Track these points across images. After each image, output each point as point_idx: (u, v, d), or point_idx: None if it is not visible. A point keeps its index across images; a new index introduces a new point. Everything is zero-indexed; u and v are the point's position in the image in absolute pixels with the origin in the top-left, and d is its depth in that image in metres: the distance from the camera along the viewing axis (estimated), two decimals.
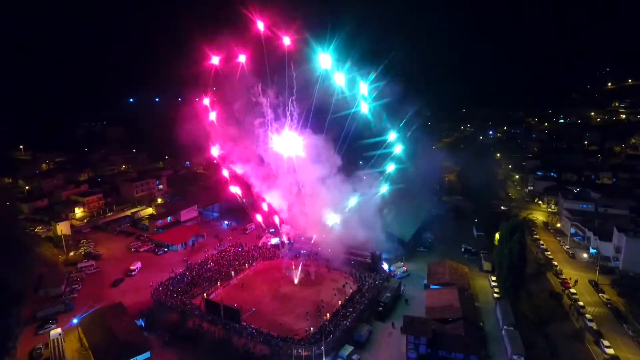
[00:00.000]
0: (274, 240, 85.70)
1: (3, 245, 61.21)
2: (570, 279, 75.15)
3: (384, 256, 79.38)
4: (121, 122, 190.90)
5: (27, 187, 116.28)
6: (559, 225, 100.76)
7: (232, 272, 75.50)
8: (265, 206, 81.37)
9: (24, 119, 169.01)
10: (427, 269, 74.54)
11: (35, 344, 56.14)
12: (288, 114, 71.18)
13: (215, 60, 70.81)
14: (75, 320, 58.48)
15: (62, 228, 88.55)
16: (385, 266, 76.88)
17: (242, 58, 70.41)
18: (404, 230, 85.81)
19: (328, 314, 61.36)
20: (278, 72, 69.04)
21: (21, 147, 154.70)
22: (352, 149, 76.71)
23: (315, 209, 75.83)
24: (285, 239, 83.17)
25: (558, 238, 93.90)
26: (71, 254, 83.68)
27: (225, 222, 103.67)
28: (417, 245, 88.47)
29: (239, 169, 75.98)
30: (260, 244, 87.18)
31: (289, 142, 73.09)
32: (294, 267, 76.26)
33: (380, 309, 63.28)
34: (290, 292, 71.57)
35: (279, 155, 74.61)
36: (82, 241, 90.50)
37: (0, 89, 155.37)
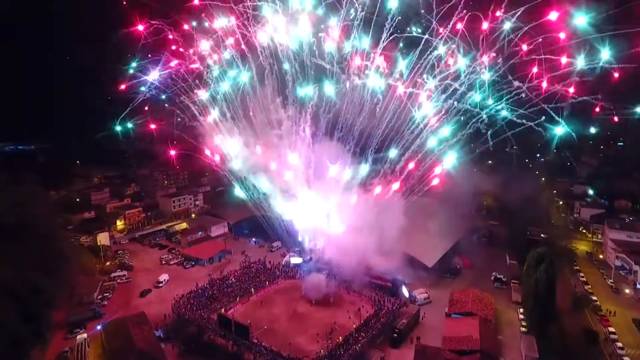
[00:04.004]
0: (295, 260, 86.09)
1: (43, 253, 66.19)
2: (608, 310, 69.27)
3: (405, 281, 77.31)
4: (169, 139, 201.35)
5: (77, 200, 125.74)
6: (601, 256, 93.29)
7: (252, 289, 76.74)
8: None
9: (80, 136, 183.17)
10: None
11: (63, 348, 60.06)
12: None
13: None
14: (99, 327, 62.06)
15: (101, 239, 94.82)
16: (406, 291, 74.77)
17: None
18: (429, 254, 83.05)
19: (340, 337, 60.53)
20: None
21: (77, 162, 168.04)
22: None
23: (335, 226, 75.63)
24: (306, 256, 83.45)
25: (602, 271, 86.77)
26: (107, 263, 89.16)
27: (253, 239, 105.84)
28: (443, 271, 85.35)
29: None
30: (283, 262, 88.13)
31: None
32: (312, 286, 75.90)
33: (395, 335, 61.47)
34: (307, 312, 71.37)
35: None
36: (118, 252, 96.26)
37: (61, 110, 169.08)
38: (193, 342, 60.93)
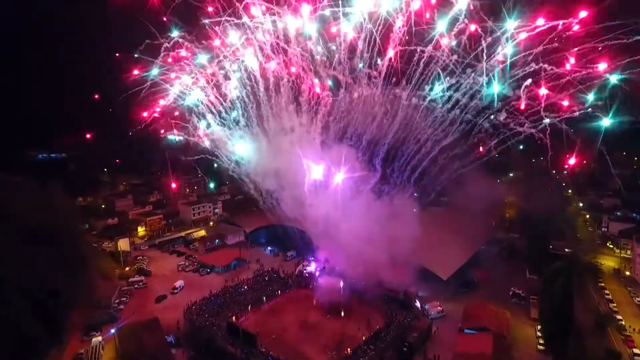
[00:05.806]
0: (310, 269, 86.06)
1: (65, 257, 68.70)
2: (632, 327, 65.84)
3: (419, 293, 75.92)
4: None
5: (102, 206, 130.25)
6: (629, 273, 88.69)
7: (264, 298, 77.06)
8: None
9: (110, 147, 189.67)
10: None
11: (78, 350, 61.90)
12: None
13: None
14: (112, 331, 63.76)
15: (122, 244, 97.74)
16: (419, 304, 73.34)
17: None
18: (444, 267, 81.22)
19: (349, 349, 59.90)
20: None
21: (105, 170, 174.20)
22: None
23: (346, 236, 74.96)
24: (319, 267, 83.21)
25: (629, 288, 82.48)
26: (126, 269, 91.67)
27: (269, 248, 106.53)
28: (459, 284, 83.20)
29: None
30: (296, 272, 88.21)
31: None
32: (324, 297, 75.45)
33: (405, 349, 60.24)
34: (317, 322, 70.96)
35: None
36: (138, 258, 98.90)
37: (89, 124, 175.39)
38: (203, 349, 61.68)
